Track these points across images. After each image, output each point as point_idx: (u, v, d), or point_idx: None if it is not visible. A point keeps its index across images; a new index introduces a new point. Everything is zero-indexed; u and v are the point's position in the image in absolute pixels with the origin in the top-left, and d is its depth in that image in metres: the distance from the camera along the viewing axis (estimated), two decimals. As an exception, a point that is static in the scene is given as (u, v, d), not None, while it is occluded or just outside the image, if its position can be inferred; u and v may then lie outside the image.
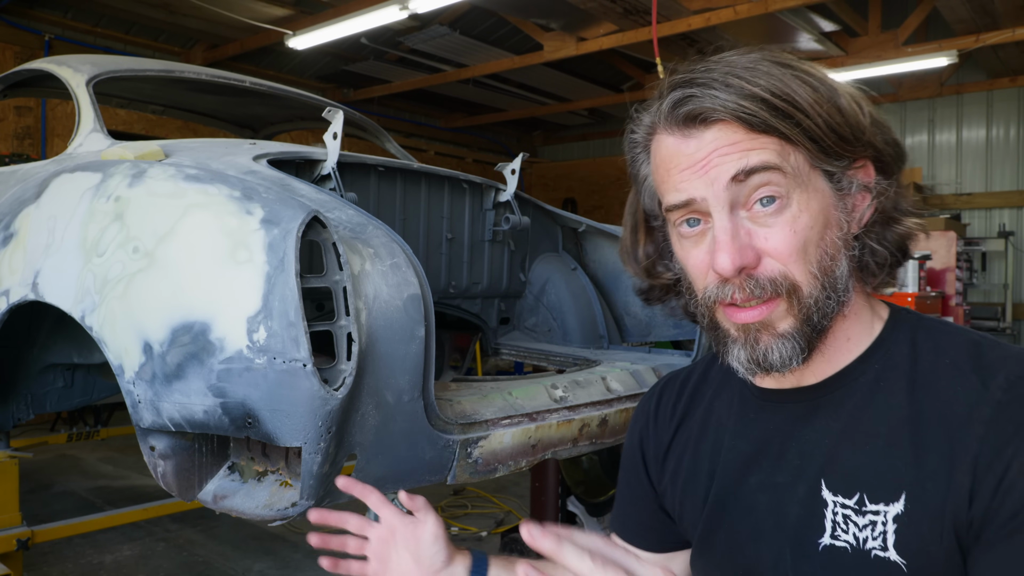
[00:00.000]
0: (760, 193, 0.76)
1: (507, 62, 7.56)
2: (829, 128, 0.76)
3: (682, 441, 0.96)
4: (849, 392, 0.81)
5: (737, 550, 0.87)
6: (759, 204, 0.76)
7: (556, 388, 2.00)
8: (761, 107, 0.74)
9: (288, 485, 1.49)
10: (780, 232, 0.76)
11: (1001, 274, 7.81)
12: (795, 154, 0.76)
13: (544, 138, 11.71)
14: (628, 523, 1.05)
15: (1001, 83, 7.84)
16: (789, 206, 0.76)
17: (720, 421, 0.91)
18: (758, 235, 0.77)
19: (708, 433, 0.92)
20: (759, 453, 0.86)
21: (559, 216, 3.04)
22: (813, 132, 0.75)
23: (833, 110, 0.76)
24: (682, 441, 0.96)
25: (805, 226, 0.76)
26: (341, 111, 2.06)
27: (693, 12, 6.01)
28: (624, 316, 3.05)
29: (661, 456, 0.98)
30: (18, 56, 6.47)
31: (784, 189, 0.76)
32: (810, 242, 0.76)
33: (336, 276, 1.41)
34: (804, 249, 0.76)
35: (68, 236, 1.68)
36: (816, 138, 0.75)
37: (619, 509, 1.07)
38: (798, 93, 0.75)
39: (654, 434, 1.00)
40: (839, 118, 0.76)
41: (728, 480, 0.88)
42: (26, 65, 2.98)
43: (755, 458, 0.86)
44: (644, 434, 1.02)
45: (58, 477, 5.03)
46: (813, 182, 0.77)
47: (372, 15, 5.76)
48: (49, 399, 2.58)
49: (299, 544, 3.93)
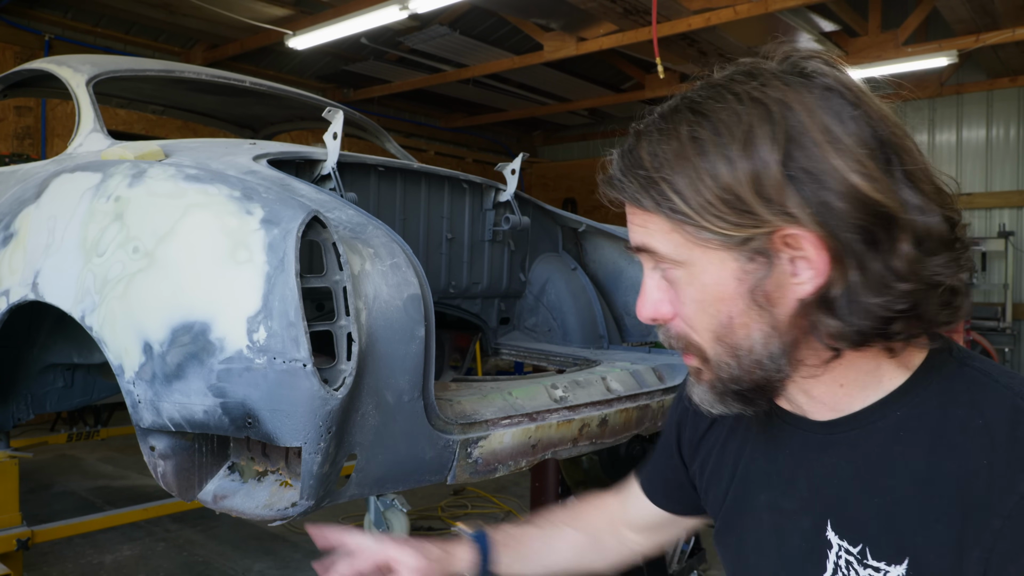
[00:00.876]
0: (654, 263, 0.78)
1: (507, 62, 7.56)
2: (708, 204, 0.69)
3: (715, 435, 0.96)
4: (865, 435, 0.76)
5: (744, 557, 0.88)
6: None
7: (556, 388, 2.00)
8: (640, 191, 0.73)
9: (288, 485, 1.49)
10: (679, 297, 0.77)
11: (1001, 274, 7.81)
12: (681, 231, 0.72)
13: (544, 138, 11.71)
14: (655, 480, 1.10)
15: (1001, 83, 7.84)
16: (677, 279, 0.76)
17: (748, 426, 0.90)
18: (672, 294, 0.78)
19: (737, 434, 0.92)
20: (772, 471, 0.85)
21: (559, 216, 3.04)
22: (689, 211, 0.70)
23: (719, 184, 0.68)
24: (715, 435, 0.96)
25: (693, 298, 0.75)
26: (341, 111, 2.06)
27: (693, 12, 6.01)
28: (624, 316, 3.05)
29: (695, 443, 1.00)
30: (18, 56, 6.47)
31: (668, 263, 0.75)
32: (703, 312, 0.75)
33: (336, 276, 1.41)
34: (697, 317, 0.75)
35: (68, 236, 1.68)
36: (696, 214, 0.70)
37: (651, 465, 1.11)
38: (680, 170, 0.70)
39: (691, 422, 1.01)
40: (724, 192, 0.68)
41: (742, 489, 0.89)
42: (26, 65, 2.98)
43: (768, 475, 0.86)
44: (683, 419, 1.03)
45: (58, 477, 5.03)
46: (705, 256, 0.72)
47: (372, 15, 5.76)
48: (49, 399, 2.58)
49: (299, 544, 3.93)
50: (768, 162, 0.67)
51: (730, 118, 0.69)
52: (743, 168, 0.67)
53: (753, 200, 0.67)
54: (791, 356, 0.74)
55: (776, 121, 0.68)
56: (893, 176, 0.68)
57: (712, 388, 0.79)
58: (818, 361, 0.74)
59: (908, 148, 0.70)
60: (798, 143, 0.67)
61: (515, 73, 8.19)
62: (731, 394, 0.78)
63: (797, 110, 0.68)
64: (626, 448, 2.94)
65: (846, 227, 0.66)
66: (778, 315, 0.72)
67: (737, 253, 0.71)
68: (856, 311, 0.69)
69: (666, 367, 2.53)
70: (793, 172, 0.67)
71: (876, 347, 0.73)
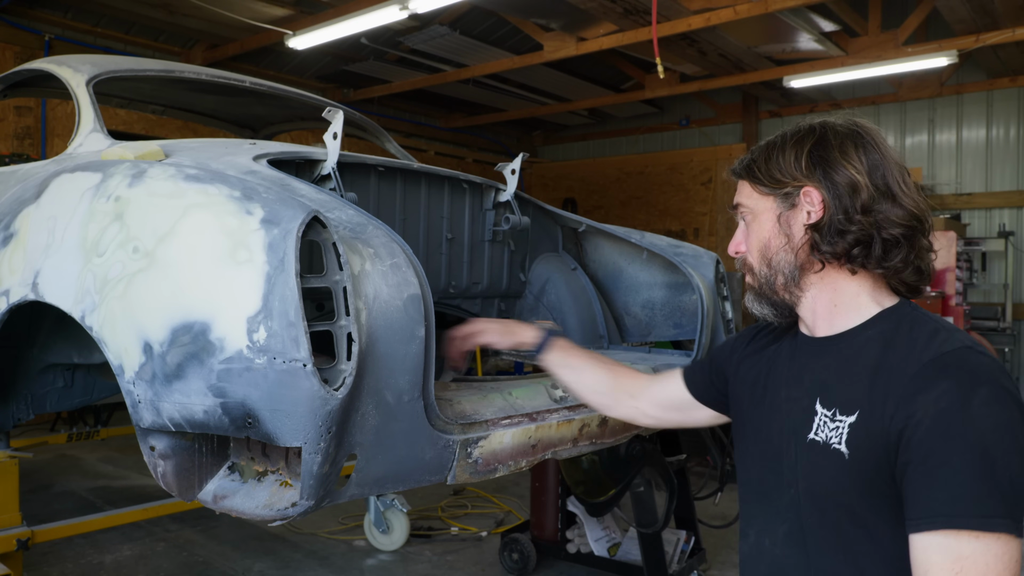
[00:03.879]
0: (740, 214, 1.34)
1: (507, 62, 7.56)
2: (765, 174, 1.26)
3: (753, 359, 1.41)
4: (846, 345, 1.21)
5: (764, 436, 1.31)
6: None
7: (556, 388, 2.00)
8: (744, 168, 1.31)
9: (288, 485, 1.49)
10: (748, 235, 1.32)
11: (1001, 274, 7.81)
12: (756, 189, 1.29)
13: (544, 138, 11.71)
14: (696, 373, 1.57)
15: (1001, 83, 7.84)
16: (749, 222, 1.31)
17: (781, 351, 1.35)
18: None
19: (770, 355, 1.38)
20: (790, 373, 1.30)
21: (559, 216, 3.04)
22: (763, 176, 1.27)
23: (773, 163, 1.25)
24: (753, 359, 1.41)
25: (754, 232, 1.30)
26: (341, 111, 2.06)
27: (693, 12, 6.01)
28: (624, 316, 3.05)
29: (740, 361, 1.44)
30: (18, 56, 6.47)
31: (747, 211, 1.31)
32: (756, 238, 1.29)
33: (336, 276, 1.41)
34: (753, 243, 1.30)
35: (68, 236, 1.68)
36: (760, 181, 1.27)
37: (697, 364, 1.58)
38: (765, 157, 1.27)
39: (742, 348, 1.45)
40: (773, 167, 1.25)
41: (772, 390, 1.33)
42: (26, 65, 2.98)
43: (787, 376, 1.30)
44: (736, 345, 1.48)
45: (58, 477, 5.03)
46: (763, 202, 1.28)
47: (372, 15, 5.76)
48: (49, 399, 2.58)
49: (299, 544, 3.93)
50: (802, 152, 1.23)
51: (794, 133, 1.27)
52: (790, 155, 1.24)
53: (797, 171, 1.23)
54: (797, 265, 1.24)
55: (815, 134, 1.24)
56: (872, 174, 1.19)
57: (755, 293, 1.31)
58: (813, 272, 1.23)
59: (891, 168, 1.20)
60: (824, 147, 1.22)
61: (515, 73, 8.19)
62: (765, 298, 1.30)
63: (829, 135, 1.23)
64: (626, 448, 2.94)
65: (836, 190, 1.19)
66: (793, 236, 1.24)
67: (779, 199, 1.25)
68: (833, 235, 1.19)
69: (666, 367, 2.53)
70: (815, 160, 1.22)
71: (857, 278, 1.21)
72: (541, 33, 7.08)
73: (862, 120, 1.24)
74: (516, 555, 3.57)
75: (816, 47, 6.93)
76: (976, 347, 1.10)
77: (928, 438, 1.04)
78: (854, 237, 1.17)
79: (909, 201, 1.18)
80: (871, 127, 1.23)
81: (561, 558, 3.55)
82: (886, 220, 1.17)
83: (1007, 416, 1.03)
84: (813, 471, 1.19)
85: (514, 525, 3.89)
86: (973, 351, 1.09)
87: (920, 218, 1.19)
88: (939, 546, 1.02)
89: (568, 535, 3.52)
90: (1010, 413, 1.03)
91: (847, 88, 8.55)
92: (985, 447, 1.01)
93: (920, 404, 1.05)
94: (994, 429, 1.01)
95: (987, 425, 1.02)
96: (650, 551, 3.11)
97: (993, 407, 1.03)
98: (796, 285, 1.25)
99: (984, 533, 0.99)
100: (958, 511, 1.00)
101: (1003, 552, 1.00)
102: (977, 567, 0.99)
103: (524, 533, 3.60)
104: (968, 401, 1.03)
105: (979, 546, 0.99)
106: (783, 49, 7.20)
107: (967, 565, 1.00)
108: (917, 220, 1.18)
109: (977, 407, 1.02)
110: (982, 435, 1.01)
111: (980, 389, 1.04)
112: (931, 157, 8.43)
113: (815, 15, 6.53)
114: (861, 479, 1.12)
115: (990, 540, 0.99)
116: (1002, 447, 1.01)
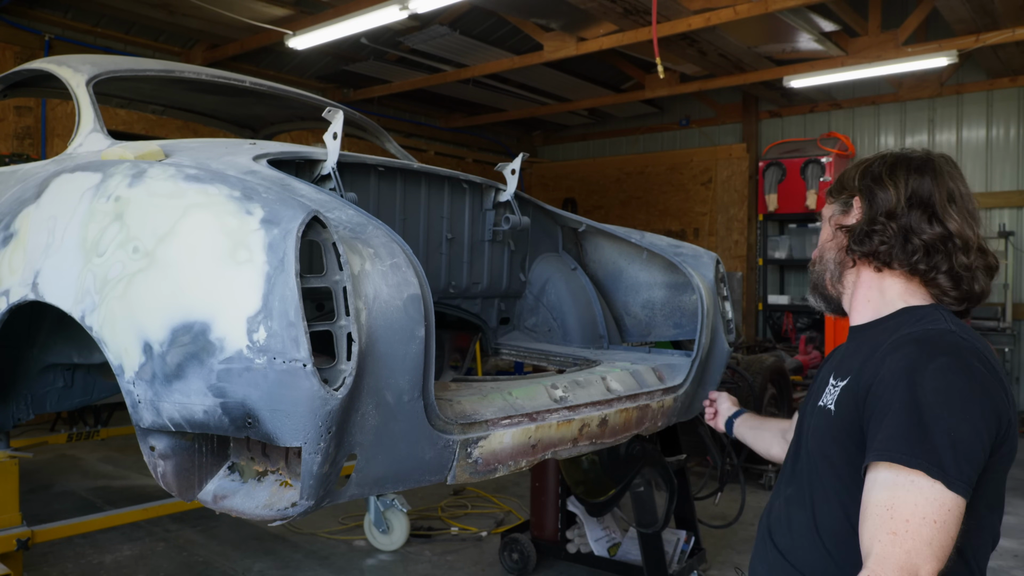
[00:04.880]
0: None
1: (507, 62, 7.56)
2: (835, 185, 1.48)
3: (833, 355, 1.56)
4: (871, 332, 1.36)
5: (802, 407, 1.50)
6: None
7: (556, 388, 2.00)
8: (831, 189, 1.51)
9: (288, 485, 1.49)
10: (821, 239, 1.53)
11: (1001, 274, 7.81)
12: (828, 200, 1.51)
13: (544, 138, 11.71)
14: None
15: (1001, 83, 7.84)
16: (821, 228, 1.52)
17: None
18: None
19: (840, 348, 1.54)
20: (832, 359, 1.47)
21: (559, 216, 3.04)
22: (832, 189, 1.49)
23: (843, 177, 1.46)
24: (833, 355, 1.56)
25: (821, 236, 1.51)
26: (341, 111, 2.06)
27: (693, 12, 6.01)
28: (624, 316, 3.05)
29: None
30: (18, 56, 6.47)
31: (821, 220, 1.52)
32: (821, 242, 1.51)
33: (336, 276, 1.41)
34: (819, 246, 1.51)
35: (68, 236, 1.68)
36: (830, 192, 1.50)
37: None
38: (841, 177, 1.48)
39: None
40: (840, 180, 1.46)
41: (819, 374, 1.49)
42: (26, 65, 2.98)
43: (829, 362, 1.48)
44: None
45: (58, 477, 5.03)
46: (828, 212, 1.49)
47: (372, 15, 5.76)
48: (49, 399, 2.58)
49: (299, 544, 3.93)
50: (860, 169, 1.43)
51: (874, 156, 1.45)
52: (854, 171, 1.45)
53: (852, 184, 1.43)
54: (838, 262, 1.44)
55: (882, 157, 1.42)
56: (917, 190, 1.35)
57: (812, 287, 1.53)
58: (848, 268, 1.42)
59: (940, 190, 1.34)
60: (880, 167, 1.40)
61: (515, 73, 8.19)
62: (818, 291, 1.51)
63: (891, 159, 1.41)
64: (626, 448, 2.94)
65: (873, 199, 1.37)
66: (836, 235, 1.44)
67: (838, 205, 1.46)
68: (861, 235, 1.37)
69: (666, 367, 2.54)
70: (868, 175, 1.41)
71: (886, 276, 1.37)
72: (541, 33, 7.08)
73: (939, 153, 1.40)
74: (516, 555, 3.57)
75: (816, 47, 6.93)
76: (961, 333, 1.23)
77: (883, 391, 1.19)
78: (878, 238, 1.33)
79: (950, 220, 1.31)
80: (943, 157, 1.38)
81: (561, 558, 3.54)
82: (913, 228, 1.31)
83: (958, 384, 1.14)
84: (815, 429, 1.36)
85: (514, 525, 3.88)
86: (953, 333, 1.22)
87: (959, 237, 1.30)
88: (880, 480, 1.14)
89: (568, 535, 3.52)
90: (963, 383, 1.15)
91: (847, 88, 8.55)
92: (924, 403, 1.13)
93: (887, 364, 1.21)
94: (937, 391, 1.14)
95: (932, 386, 1.14)
96: (650, 551, 3.11)
97: (946, 373, 1.15)
98: (839, 281, 1.45)
99: (916, 472, 1.10)
100: (890, 447, 1.13)
101: (934, 497, 1.09)
102: (907, 504, 1.10)
103: (524, 533, 3.60)
104: (924, 364, 1.16)
105: (911, 485, 1.10)
106: (783, 49, 7.20)
107: (899, 501, 1.11)
108: (956, 238, 1.30)
109: (931, 371, 1.15)
110: (925, 393, 1.14)
111: (940, 358, 1.17)
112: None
113: (815, 15, 6.53)
114: (841, 431, 1.28)
115: (923, 482, 1.10)
116: (942, 406, 1.13)
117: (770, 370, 5.13)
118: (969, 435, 1.11)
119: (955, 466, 1.10)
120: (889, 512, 1.11)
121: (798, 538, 1.34)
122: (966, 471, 1.10)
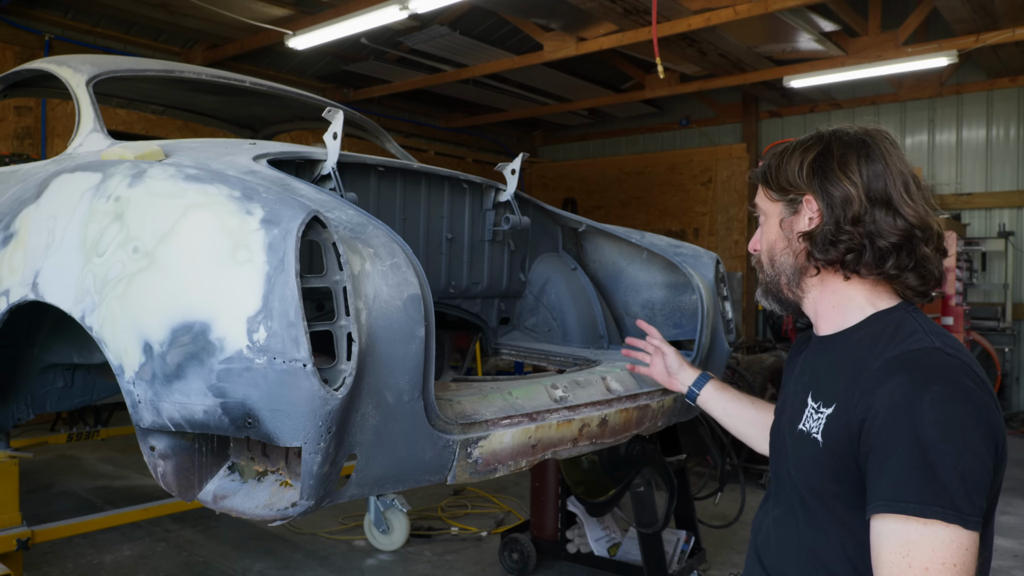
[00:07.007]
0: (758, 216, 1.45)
1: (507, 62, 7.56)
2: (774, 180, 1.36)
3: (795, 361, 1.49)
4: (841, 343, 1.30)
5: (775, 430, 1.46)
6: None
7: (556, 388, 2.00)
8: (759, 171, 1.42)
9: (288, 485, 1.49)
10: (762, 236, 1.43)
11: (1001, 274, 7.82)
12: (768, 194, 1.39)
13: (544, 138, 11.72)
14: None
15: (1001, 83, 7.84)
16: (762, 223, 1.43)
17: (803, 352, 1.45)
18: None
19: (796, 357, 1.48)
20: (799, 374, 1.41)
21: (559, 216, 3.04)
22: (770, 183, 1.38)
23: (781, 171, 1.34)
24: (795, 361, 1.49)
25: (764, 233, 1.42)
26: (341, 111, 2.06)
27: (693, 12, 6.01)
28: (624, 316, 3.05)
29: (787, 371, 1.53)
30: (18, 56, 6.48)
31: (761, 216, 1.43)
32: (765, 240, 1.42)
33: (336, 276, 1.41)
34: (764, 244, 1.43)
35: (68, 236, 1.68)
36: (770, 186, 1.38)
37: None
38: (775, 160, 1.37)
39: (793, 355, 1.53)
40: (781, 175, 1.34)
41: (786, 387, 1.46)
42: (26, 65, 2.98)
43: (796, 377, 1.42)
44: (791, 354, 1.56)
45: (58, 477, 5.03)
46: (772, 207, 1.39)
47: (372, 15, 5.76)
48: (49, 399, 2.58)
49: (299, 544, 3.93)
50: (805, 162, 1.31)
51: (803, 141, 1.35)
52: (795, 164, 1.32)
53: (800, 180, 1.31)
54: (797, 268, 1.35)
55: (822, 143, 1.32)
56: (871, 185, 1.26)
57: (763, 289, 1.43)
58: (810, 275, 1.34)
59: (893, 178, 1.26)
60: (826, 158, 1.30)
61: (515, 73, 8.19)
62: (771, 294, 1.42)
63: (834, 145, 1.30)
64: (626, 448, 2.94)
65: (831, 201, 1.27)
66: (792, 241, 1.35)
67: (784, 205, 1.35)
68: (824, 244, 1.28)
69: (666, 367, 2.53)
70: (816, 170, 1.29)
71: (852, 283, 1.30)
72: (541, 33, 7.08)
73: (874, 127, 1.30)
74: (516, 555, 3.57)
75: (816, 47, 6.94)
76: (946, 348, 1.16)
77: (882, 429, 1.11)
78: (844, 247, 1.25)
79: (909, 211, 1.23)
80: (880, 135, 1.29)
81: (561, 558, 3.54)
82: (879, 231, 1.24)
83: (958, 412, 1.08)
84: (799, 459, 1.30)
85: (514, 525, 3.88)
86: (939, 351, 1.15)
87: (921, 227, 1.24)
88: (890, 530, 1.08)
89: (568, 535, 3.52)
90: (962, 410, 1.08)
91: (847, 88, 8.56)
92: (928, 440, 1.07)
93: (878, 396, 1.13)
94: (939, 424, 1.07)
95: (933, 419, 1.07)
96: (650, 551, 3.11)
97: (945, 403, 1.08)
98: (797, 286, 1.36)
99: (931, 520, 1.05)
100: (900, 496, 1.07)
101: (951, 540, 1.04)
102: (924, 552, 1.05)
103: (524, 533, 3.60)
104: (920, 396, 1.09)
105: (927, 532, 1.05)
106: (783, 49, 7.20)
107: (914, 549, 1.06)
108: (917, 229, 1.23)
109: (928, 402, 1.08)
110: (926, 428, 1.07)
111: (934, 386, 1.10)
112: (931, 157, 8.43)
113: (815, 15, 6.53)
114: (832, 466, 1.21)
115: (938, 527, 1.05)
116: (946, 441, 1.06)
117: (770, 370, 5.13)
118: (975, 465, 1.07)
119: (968, 502, 1.05)
120: (907, 560, 1.06)
121: (788, 564, 1.31)
122: (978, 503, 1.06)
